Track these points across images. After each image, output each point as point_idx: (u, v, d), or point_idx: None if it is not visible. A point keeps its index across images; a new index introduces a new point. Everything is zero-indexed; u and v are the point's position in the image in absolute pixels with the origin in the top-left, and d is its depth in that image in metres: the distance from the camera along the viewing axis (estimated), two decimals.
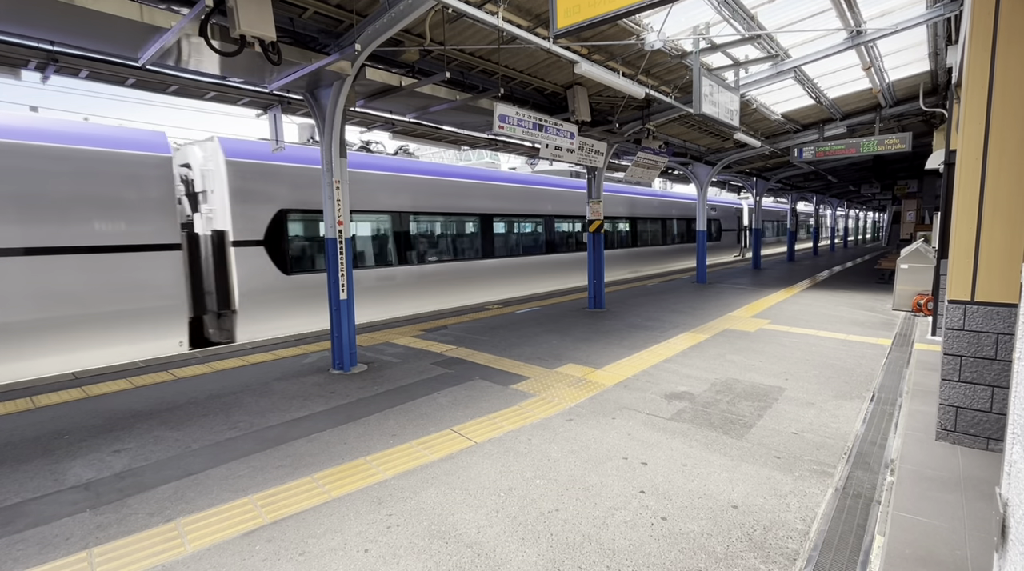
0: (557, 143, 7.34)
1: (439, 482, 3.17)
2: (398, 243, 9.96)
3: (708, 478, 3.17)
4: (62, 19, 4.07)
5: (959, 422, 3.37)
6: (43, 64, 4.96)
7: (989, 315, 3.22)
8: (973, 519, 2.55)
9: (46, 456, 3.63)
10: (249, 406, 4.58)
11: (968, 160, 3.20)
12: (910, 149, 9.51)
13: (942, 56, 7.17)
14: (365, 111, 7.47)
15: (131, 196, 6.58)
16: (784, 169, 17.09)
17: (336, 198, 5.52)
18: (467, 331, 7.69)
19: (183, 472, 3.36)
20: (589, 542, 2.55)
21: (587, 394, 4.76)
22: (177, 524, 2.77)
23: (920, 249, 8.85)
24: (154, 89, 5.96)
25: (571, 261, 14.29)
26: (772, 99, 9.30)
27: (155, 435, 3.97)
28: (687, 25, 6.03)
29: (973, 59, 3.13)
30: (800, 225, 34.72)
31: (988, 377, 3.26)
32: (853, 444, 3.62)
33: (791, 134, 11.81)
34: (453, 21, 5.40)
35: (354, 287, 8.99)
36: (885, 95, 9.21)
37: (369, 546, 2.55)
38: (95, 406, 4.63)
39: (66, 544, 2.61)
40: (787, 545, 2.51)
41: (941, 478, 2.96)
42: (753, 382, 5.04)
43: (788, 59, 7.10)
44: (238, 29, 3.81)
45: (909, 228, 18.05)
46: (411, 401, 4.65)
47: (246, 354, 6.44)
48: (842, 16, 5.81)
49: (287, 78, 5.23)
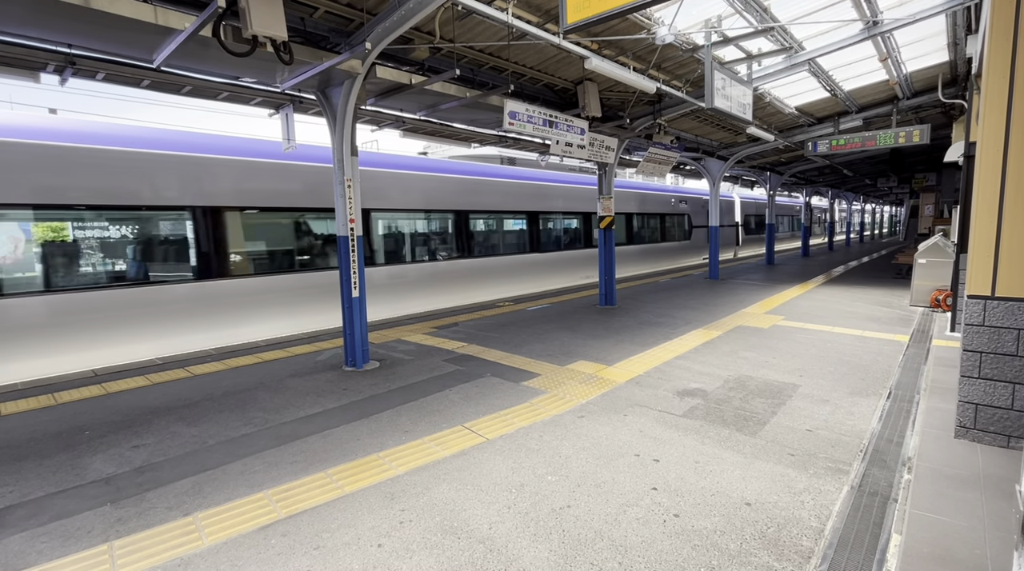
0: (568, 139, 7.31)
1: (451, 478, 3.18)
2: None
3: (721, 475, 3.15)
4: (79, 22, 4.14)
5: (979, 419, 3.31)
6: (61, 67, 5.05)
7: (1010, 310, 3.16)
8: (993, 518, 2.51)
9: (68, 451, 3.72)
10: (264, 402, 4.64)
11: (989, 152, 3.13)
12: (928, 142, 9.33)
13: (961, 46, 7.01)
14: (376, 109, 7.50)
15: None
16: (798, 163, 16.84)
17: (348, 196, 5.55)
18: (478, 328, 7.71)
19: (200, 467, 3.42)
20: (601, 538, 2.55)
21: (599, 391, 4.75)
22: (195, 518, 2.82)
23: (939, 243, 8.68)
24: (168, 90, 6.04)
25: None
26: (786, 92, 9.17)
27: (172, 431, 4.04)
28: (699, 18, 5.96)
29: (994, 48, 3.06)
30: (815, 221, 33.81)
31: (1009, 373, 3.20)
32: (869, 441, 3.58)
33: (805, 128, 11.64)
34: (463, 18, 5.40)
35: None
36: (902, 87, 9.03)
37: (382, 541, 2.58)
38: (115, 402, 4.72)
39: (88, 537, 2.68)
40: (801, 543, 2.49)
41: (960, 476, 2.91)
42: (767, 379, 4.99)
43: (802, 51, 6.99)
44: (250, 30, 3.85)
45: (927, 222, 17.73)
46: (423, 398, 4.68)
47: (260, 352, 6.52)
48: (858, 6, 5.70)
49: (299, 77, 5.27)
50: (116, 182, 6.48)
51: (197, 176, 7.17)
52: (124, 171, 6.56)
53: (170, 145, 7.01)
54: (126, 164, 6.60)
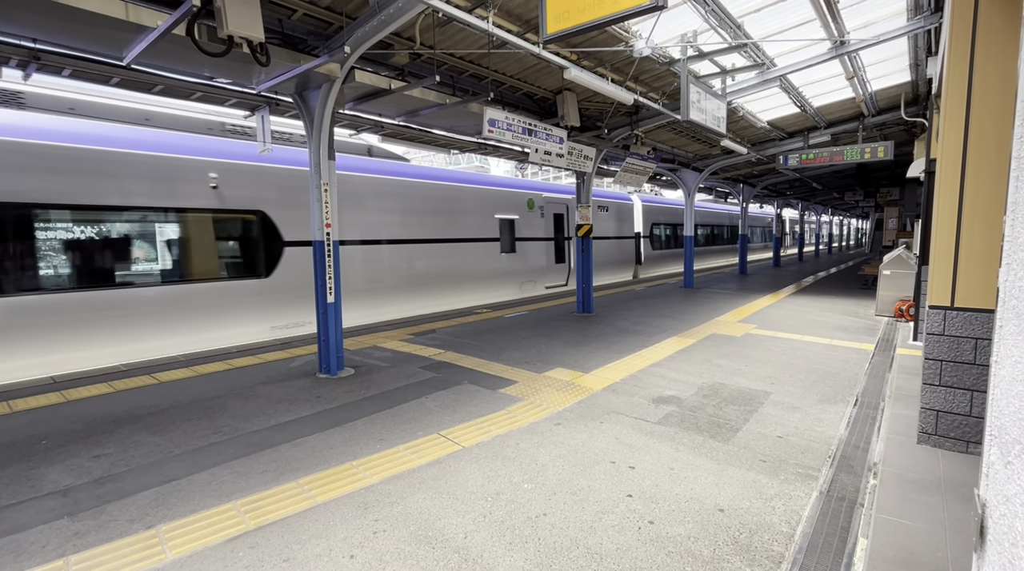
0: (546, 148, 7.36)
1: (426, 487, 3.15)
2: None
3: (695, 482, 3.18)
4: (45, 16, 4.00)
5: (940, 425, 3.43)
6: (25, 62, 4.87)
7: (968, 320, 3.29)
8: (954, 521, 2.59)
9: (23, 462, 3.55)
10: (234, 410, 4.52)
11: (948, 169, 3.27)
12: (892, 158, 9.70)
13: (922, 67, 7.34)
14: (354, 114, 7.44)
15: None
16: (770, 176, 17.33)
17: (324, 201, 5.48)
18: (455, 335, 7.67)
19: (165, 478, 3.30)
20: (577, 546, 2.55)
21: (575, 398, 4.76)
22: (158, 531, 2.71)
23: (902, 255, 9.01)
24: (139, 89, 5.89)
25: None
26: (758, 107, 9.44)
27: (136, 440, 3.90)
28: (675, 33, 6.10)
29: (952, 70, 3.21)
30: (782, 232, 33.55)
31: (967, 381, 3.33)
32: (837, 448, 3.67)
33: (777, 141, 11.99)
34: (443, 25, 5.42)
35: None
36: (868, 104, 9.39)
37: (355, 552, 2.52)
38: (74, 411, 4.53)
39: (42, 552, 2.55)
40: (772, 548, 2.53)
41: (923, 481, 3.00)
42: (739, 386, 5.09)
43: (774, 68, 7.21)
44: (226, 29, 3.78)
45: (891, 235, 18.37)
46: (399, 405, 4.62)
47: (231, 357, 6.36)
48: (826, 27, 5.92)
49: (275, 79, 5.20)
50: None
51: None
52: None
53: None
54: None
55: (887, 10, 5.89)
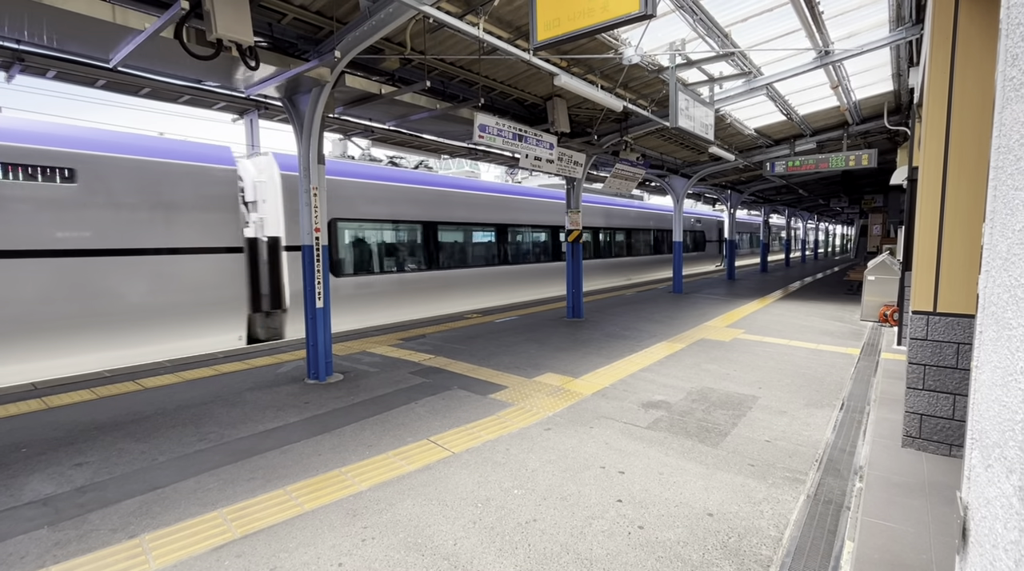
0: (537, 154, 7.40)
1: (416, 493, 3.12)
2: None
3: (684, 486, 3.20)
4: (29, 17, 3.95)
5: (923, 429, 3.48)
6: (8, 63, 4.81)
7: (950, 325, 3.35)
8: (937, 523, 2.63)
9: (1, 470, 3.47)
10: (220, 417, 4.46)
11: (929, 176, 3.34)
12: (876, 165, 9.88)
13: (905, 77, 7.50)
14: (344, 118, 7.42)
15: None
16: (757, 182, 17.55)
17: (313, 205, 5.45)
18: (446, 340, 7.64)
19: (149, 486, 3.25)
20: (567, 552, 2.54)
21: (565, 403, 4.77)
22: (141, 540, 2.67)
23: (886, 261, 9.16)
24: (126, 91, 5.83)
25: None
26: (745, 114, 9.57)
27: (120, 447, 3.83)
28: (664, 41, 6.18)
29: (933, 80, 3.28)
30: (763, 237, 33.10)
31: (950, 385, 3.38)
32: (824, 451, 3.71)
33: (764, 149, 12.15)
34: (434, 31, 5.43)
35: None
36: (852, 113, 9.56)
37: (343, 560, 2.50)
38: (55, 418, 4.45)
39: (21, 563, 2.49)
40: (761, 552, 2.54)
41: (907, 484, 3.04)
42: (728, 391, 5.12)
43: (761, 76, 7.32)
44: (215, 32, 3.76)
45: (876, 241, 18.67)
46: (388, 411, 4.59)
47: (217, 363, 6.28)
48: (811, 36, 6.03)
49: (265, 83, 5.17)
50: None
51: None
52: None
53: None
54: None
55: (870, 21, 6.02)
